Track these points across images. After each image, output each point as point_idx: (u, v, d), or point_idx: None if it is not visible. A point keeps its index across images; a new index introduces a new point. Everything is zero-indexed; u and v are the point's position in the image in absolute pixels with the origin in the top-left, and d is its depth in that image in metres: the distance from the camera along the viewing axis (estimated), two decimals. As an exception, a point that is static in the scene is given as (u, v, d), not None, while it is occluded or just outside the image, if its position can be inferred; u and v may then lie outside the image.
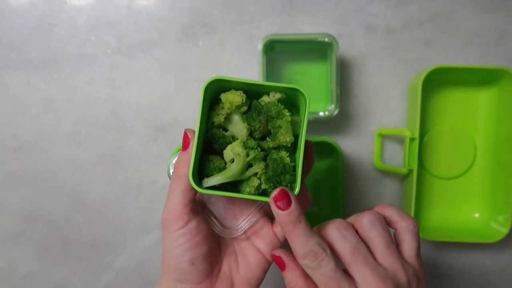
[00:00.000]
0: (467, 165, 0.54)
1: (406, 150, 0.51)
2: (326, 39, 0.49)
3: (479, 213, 0.54)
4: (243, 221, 0.36)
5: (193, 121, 0.54)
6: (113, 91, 0.54)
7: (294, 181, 0.33)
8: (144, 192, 0.55)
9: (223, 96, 0.33)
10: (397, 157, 0.55)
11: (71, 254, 0.56)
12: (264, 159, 0.34)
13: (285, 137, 0.33)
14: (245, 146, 0.33)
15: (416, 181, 0.50)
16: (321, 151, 0.54)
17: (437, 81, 0.52)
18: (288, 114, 0.33)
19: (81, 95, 0.54)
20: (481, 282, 0.56)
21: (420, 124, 0.50)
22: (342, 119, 0.55)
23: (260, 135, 0.35)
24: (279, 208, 0.31)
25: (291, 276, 0.33)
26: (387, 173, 0.55)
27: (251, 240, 0.37)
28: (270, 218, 0.38)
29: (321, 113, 0.50)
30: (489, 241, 0.50)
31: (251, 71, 0.54)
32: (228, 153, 0.33)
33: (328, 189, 0.55)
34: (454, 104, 0.54)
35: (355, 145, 0.55)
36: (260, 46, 0.49)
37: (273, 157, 0.33)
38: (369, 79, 0.54)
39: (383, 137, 0.54)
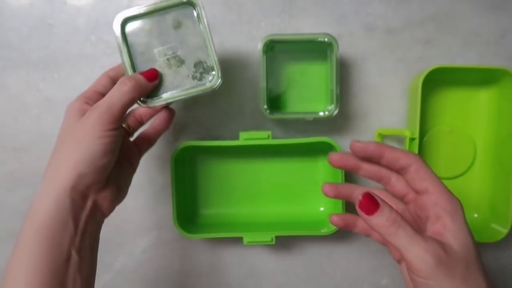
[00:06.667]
0: (467, 165, 0.54)
1: (406, 150, 0.51)
2: (326, 39, 0.49)
3: (479, 213, 0.54)
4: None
5: (193, 121, 0.54)
6: (113, 91, 0.54)
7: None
8: (144, 192, 0.55)
9: None
10: (397, 157, 0.55)
11: (71, 254, 0.56)
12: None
13: None
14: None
15: (416, 181, 0.50)
16: (321, 151, 0.54)
17: (437, 81, 0.52)
18: None
19: (81, 95, 0.54)
20: (481, 282, 0.56)
21: (420, 124, 0.50)
22: (342, 119, 0.55)
23: None
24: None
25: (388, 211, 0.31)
26: (387, 173, 0.55)
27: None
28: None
29: (321, 113, 0.50)
30: (489, 241, 0.50)
31: (251, 71, 0.54)
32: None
33: (328, 189, 0.55)
34: (454, 104, 0.54)
35: (355, 145, 0.55)
36: (260, 46, 0.49)
37: None
38: (369, 79, 0.54)
39: (383, 137, 0.54)
